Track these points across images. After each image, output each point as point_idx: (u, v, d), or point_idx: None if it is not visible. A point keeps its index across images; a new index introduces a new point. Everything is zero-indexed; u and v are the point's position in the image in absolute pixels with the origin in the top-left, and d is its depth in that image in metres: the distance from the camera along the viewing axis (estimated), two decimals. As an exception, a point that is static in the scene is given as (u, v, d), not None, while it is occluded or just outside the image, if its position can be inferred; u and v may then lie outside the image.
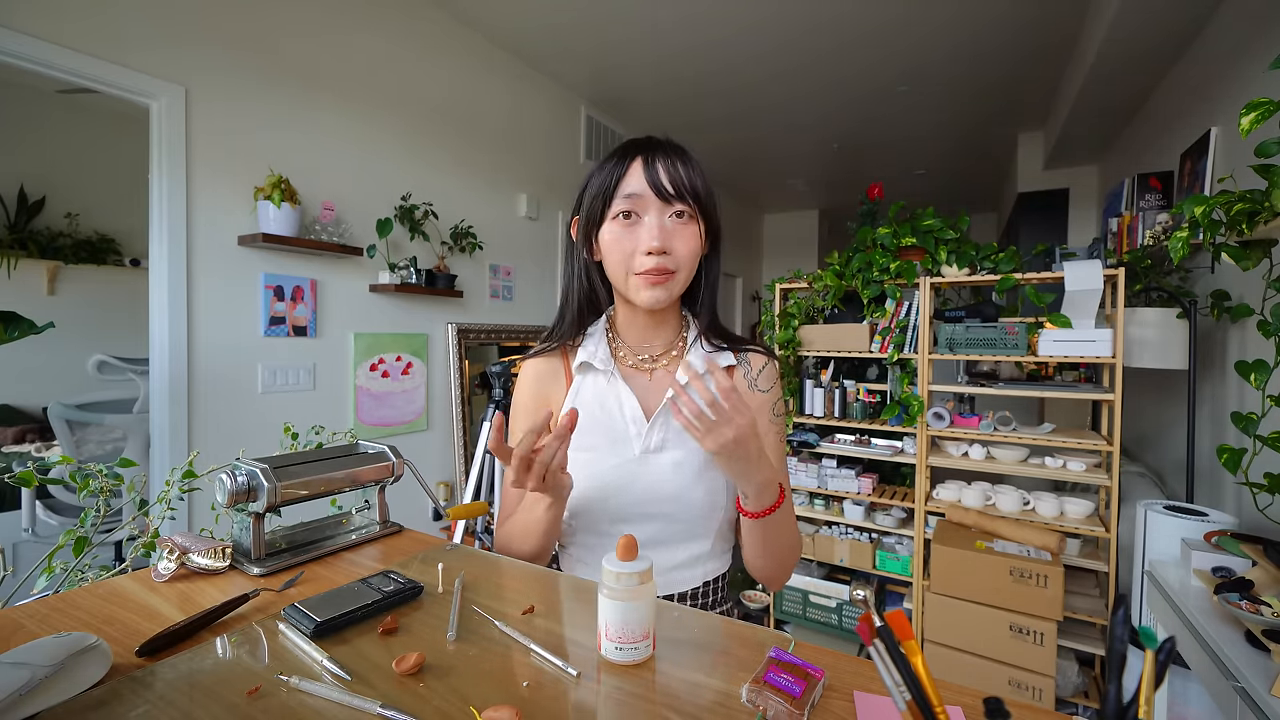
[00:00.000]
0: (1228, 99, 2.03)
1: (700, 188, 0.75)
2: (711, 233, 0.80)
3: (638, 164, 0.74)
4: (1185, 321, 1.96)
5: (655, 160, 0.73)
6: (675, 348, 0.84)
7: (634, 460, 0.78)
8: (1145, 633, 0.35)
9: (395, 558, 0.78)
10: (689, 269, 0.76)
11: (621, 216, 0.74)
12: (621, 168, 0.75)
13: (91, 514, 0.96)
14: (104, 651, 0.51)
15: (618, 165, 0.75)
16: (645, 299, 0.75)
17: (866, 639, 0.38)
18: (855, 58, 3.19)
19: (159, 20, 1.85)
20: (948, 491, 2.28)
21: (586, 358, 0.82)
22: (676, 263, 0.74)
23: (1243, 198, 1.29)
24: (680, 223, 0.74)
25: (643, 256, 0.73)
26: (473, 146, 2.99)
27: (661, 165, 0.73)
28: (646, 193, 0.73)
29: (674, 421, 0.79)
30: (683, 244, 0.74)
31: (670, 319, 0.84)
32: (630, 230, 0.74)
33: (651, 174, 0.73)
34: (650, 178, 0.73)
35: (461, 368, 2.86)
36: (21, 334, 0.90)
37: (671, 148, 0.76)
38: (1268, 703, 0.93)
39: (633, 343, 0.84)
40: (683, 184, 0.73)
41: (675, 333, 0.85)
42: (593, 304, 0.86)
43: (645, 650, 0.53)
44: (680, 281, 0.76)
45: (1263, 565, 1.25)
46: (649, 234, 0.72)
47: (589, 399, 0.81)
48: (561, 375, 0.85)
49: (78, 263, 3.36)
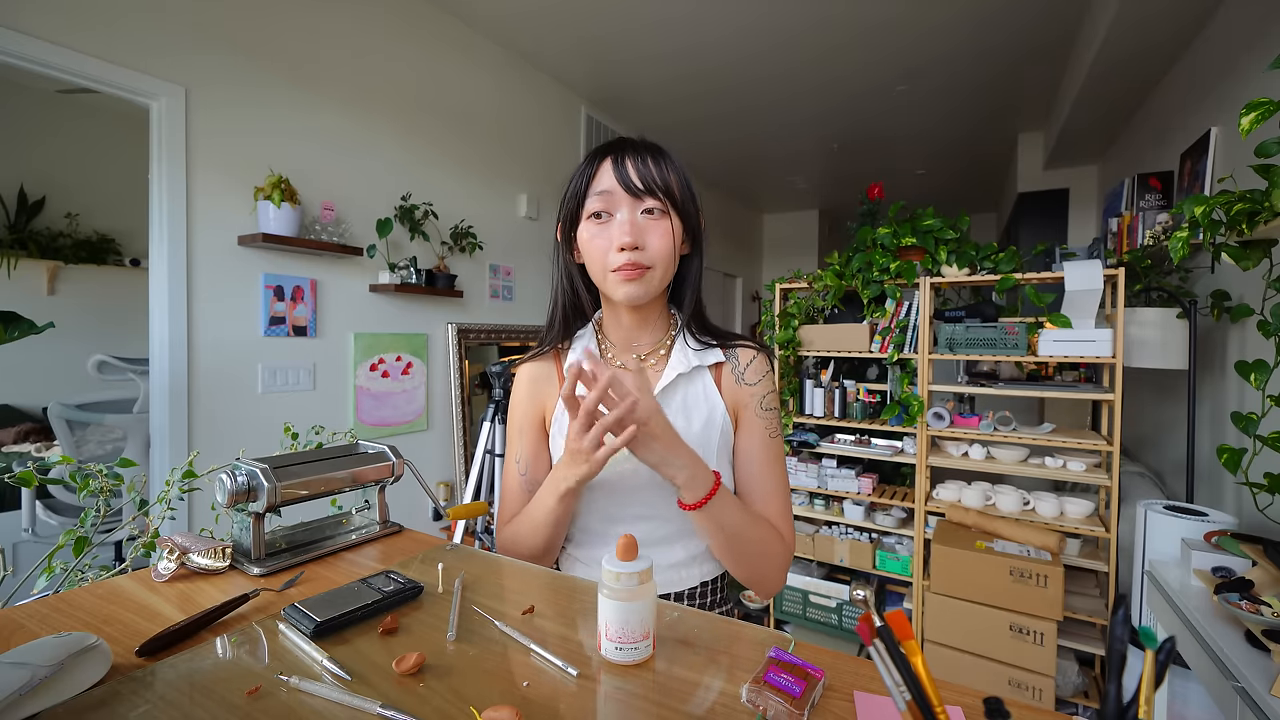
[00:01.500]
0: (1228, 99, 2.03)
1: (673, 183, 0.75)
2: (690, 230, 0.79)
3: (607, 163, 0.75)
4: (1185, 321, 1.96)
5: (625, 159, 0.74)
6: (663, 346, 0.84)
7: (623, 459, 0.77)
8: (1145, 633, 0.35)
9: (395, 558, 0.78)
10: (665, 265, 0.76)
11: (595, 216, 0.75)
12: (592, 168, 0.76)
13: (91, 514, 0.96)
14: (104, 651, 0.51)
15: (589, 166, 0.77)
16: (621, 294, 0.75)
17: (866, 639, 0.38)
18: (855, 57, 3.19)
19: (159, 20, 1.85)
20: (948, 491, 2.28)
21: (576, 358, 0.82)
22: (651, 258, 0.74)
23: (1243, 198, 1.29)
24: (652, 219, 0.74)
25: (615, 253, 0.73)
26: (473, 146, 2.99)
27: (631, 163, 0.74)
28: (616, 190, 0.74)
29: None
30: (656, 239, 0.74)
31: (654, 318, 0.84)
32: (604, 228, 0.75)
33: (621, 172, 0.74)
34: (619, 175, 0.74)
35: (461, 368, 2.86)
36: (21, 334, 0.90)
37: (644, 146, 0.76)
38: (1268, 703, 0.93)
39: (619, 342, 0.84)
40: (653, 180, 0.74)
41: (662, 331, 0.85)
42: (578, 306, 0.86)
43: (645, 650, 0.53)
44: (658, 278, 0.76)
45: (1263, 565, 1.25)
46: (620, 230, 0.73)
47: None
48: (554, 378, 0.85)
49: (78, 263, 3.35)
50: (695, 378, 0.82)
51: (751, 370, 0.82)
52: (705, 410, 0.80)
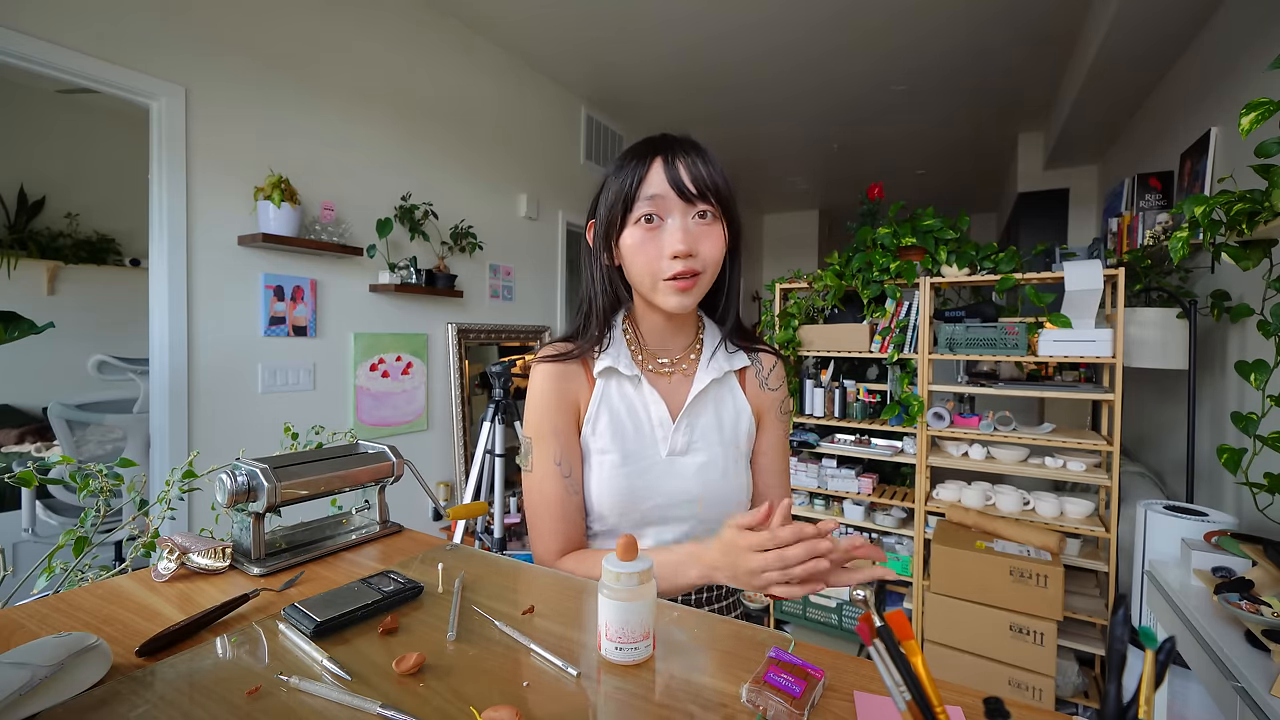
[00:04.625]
0: (1228, 99, 2.03)
1: (722, 186, 0.72)
2: (734, 232, 0.77)
3: (658, 164, 0.71)
4: (1185, 321, 1.96)
5: (676, 159, 0.71)
6: (693, 350, 0.84)
7: (661, 463, 0.78)
8: (1145, 633, 0.35)
9: (395, 558, 0.78)
10: (714, 271, 0.74)
11: (644, 220, 0.71)
12: (642, 168, 0.72)
13: (91, 514, 0.96)
14: (104, 651, 0.51)
15: (638, 166, 0.72)
16: (674, 304, 0.73)
17: (866, 639, 0.38)
18: (855, 57, 3.19)
19: (159, 20, 1.85)
20: (948, 491, 2.28)
21: (611, 363, 0.79)
22: (703, 264, 0.72)
23: (1243, 198, 1.29)
24: (704, 224, 0.72)
25: (669, 261, 0.71)
26: (473, 146, 2.99)
27: (683, 164, 0.71)
28: (669, 194, 0.70)
29: (697, 423, 0.80)
30: (709, 245, 0.72)
31: (688, 322, 0.84)
32: (654, 234, 0.71)
33: (673, 173, 0.70)
34: (672, 177, 0.70)
35: (461, 368, 2.86)
36: (21, 334, 0.90)
37: (691, 145, 0.73)
38: (1268, 703, 0.93)
39: (653, 346, 0.83)
40: (705, 183, 0.70)
41: (692, 335, 0.85)
42: (617, 308, 0.83)
43: (645, 650, 0.53)
44: (705, 283, 0.74)
45: (1263, 565, 1.25)
46: (673, 237, 0.70)
47: (617, 404, 0.80)
48: (582, 378, 0.81)
49: (78, 263, 3.35)
50: (725, 381, 0.84)
51: (774, 375, 0.86)
52: (734, 412, 0.83)
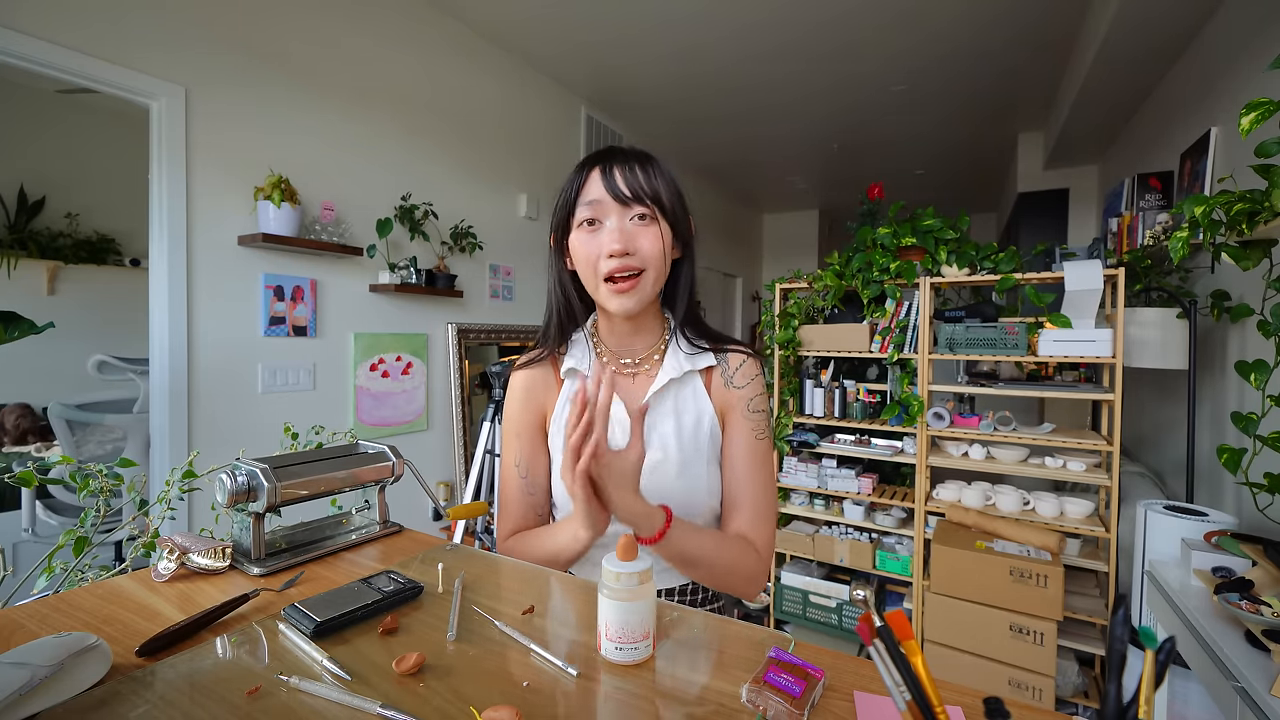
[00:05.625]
0: (1228, 99, 2.03)
1: (661, 190, 0.77)
2: (680, 235, 0.81)
3: (596, 173, 0.77)
4: (1185, 321, 1.96)
5: (612, 168, 0.76)
6: (657, 351, 0.85)
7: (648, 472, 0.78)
8: (1145, 633, 0.35)
9: (395, 558, 0.78)
10: (657, 269, 0.77)
11: (586, 224, 0.77)
12: (581, 178, 0.78)
13: (91, 514, 0.96)
14: (104, 651, 0.51)
15: (578, 176, 0.79)
16: (614, 307, 0.77)
17: (866, 639, 0.38)
18: (856, 57, 3.19)
19: (159, 20, 1.85)
20: (948, 491, 2.28)
21: (574, 364, 0.83)
22: (642, 261, 0.75)
23: (1243, 198, 1.29)
24: (642, 225, 0.76)
25: (606, 260, 0.75)
26: (473, 146, 2.99)
27: (618, 172, 0.76)
28: (605, 198, 0.75)
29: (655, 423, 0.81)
30: (646, 242, 0.76)
31: (649, 323, 0.85)
32: (594, 235, 0.76)
33: (609, 181, 0.76)
34: (608, 184, 0.75)
35: (461, 368, 2.86)
36: (21, 334, 0.90)
37: (632, 155, 0.78)
38: (1268, 703, 0.93)
39: (615, 347, 0.86)
40: (640, 187, 0.75)
41: (656, 336, 0.86)
42: (572, 313, 0.87)
43: (645, 650, 0.53)
44: (650, 283, 0.77)
45: (1263, 565, 1.25)
46: (610, 236, 0.75)
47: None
48: (552, 382, 0.87)
49: (78, 263, 3.35)
50: (686, 382, 0.83)
51: (740, 374, 0.83)
52: (695, 413, 0.82)
